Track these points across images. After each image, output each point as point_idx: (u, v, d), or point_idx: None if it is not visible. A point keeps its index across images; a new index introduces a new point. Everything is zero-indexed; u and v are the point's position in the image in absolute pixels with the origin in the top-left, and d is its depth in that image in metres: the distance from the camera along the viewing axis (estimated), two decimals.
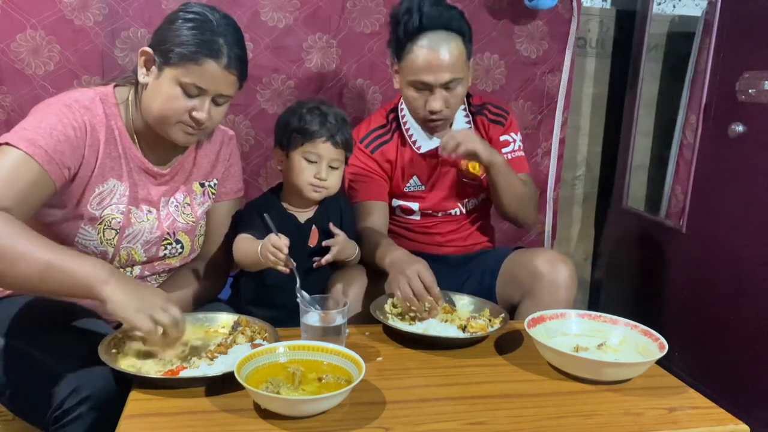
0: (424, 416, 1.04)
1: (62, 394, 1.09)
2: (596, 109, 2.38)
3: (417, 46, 1.53)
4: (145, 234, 1.34)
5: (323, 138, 1.45)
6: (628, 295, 2.29)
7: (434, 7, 1.53)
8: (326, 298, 1.27)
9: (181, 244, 1.41)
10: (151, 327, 1.07)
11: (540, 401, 1.11)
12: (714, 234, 1.84)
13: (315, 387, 1.05)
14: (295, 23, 1.91)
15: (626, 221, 2.30)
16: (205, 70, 1.21)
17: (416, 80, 1.55)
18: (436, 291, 1.36)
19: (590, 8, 2.27)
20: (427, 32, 1.52)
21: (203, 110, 1.24)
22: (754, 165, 1.70)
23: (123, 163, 1.30)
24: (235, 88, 1.28)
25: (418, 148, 1.69)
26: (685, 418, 1.08)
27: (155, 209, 1.36)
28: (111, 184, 1.28)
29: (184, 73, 1.21)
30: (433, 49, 1.52)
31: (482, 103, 1.77)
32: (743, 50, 1.75)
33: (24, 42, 1.73)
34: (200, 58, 1.20)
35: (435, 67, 1.52)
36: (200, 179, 1.44)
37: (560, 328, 1.33)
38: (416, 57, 1.53)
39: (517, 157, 1.75)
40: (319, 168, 1.47)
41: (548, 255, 1.56)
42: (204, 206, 1.45)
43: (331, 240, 1.49)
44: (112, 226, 1.29)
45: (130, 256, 1.34)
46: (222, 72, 1.22)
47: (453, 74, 1.53)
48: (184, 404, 1.03)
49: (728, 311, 1.78)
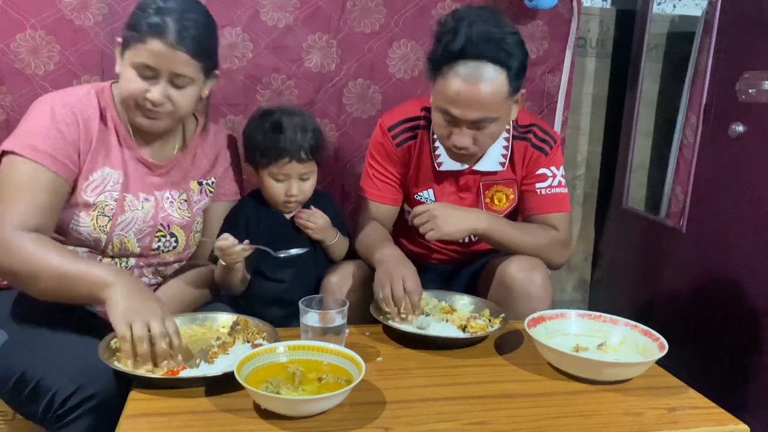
0: (424, 416, 1.04)
1: (65, 392, 1.09)
2: (596, 109, 2.38)
3: (452, 72, 1.35)
4: (138, 222, 1.34)
5: (286, 159, 1.44)
6: (628, 295, 2.29)
7: (484, 30, 1.33)
8: (326, 298, 1.27)
9: (175, 238, 1.41)
10: (126, 333, 1.07)
11: (540, 401, 1.11)
12: (714, 234, 1.84)
13: (315, 387, 1.05)
14: (295, 23, 1.91)
15: (626, 221, 2.30)
16: (151, 48, 1.21)
17: (444, 109, 1.40)
18: (415, 299, 1.34)
19: (590, 8, 2.27)
20: (467, 60, 1.34)
21: (156, 91, 1.23)
22: (755, 165, 1.70)
23: (118, 152, 1.32)
24: (192, 68, 1.25)
25: (440, 165, 1.58)
26: (685, 418, 1.07)
27: (152, 197, 1.36)
28: (105, 172, 1.30)
29: (135, 54, 1.22)
30: (468, 82, 1.34)
31: (529, 123, 1.59)
32: (743, 50, 1.75)
33: (24, 42, 1.73)
34: (146, 38, 1.20)
35: (466, 102, 1.36)
36: (198, 178, 1.45)
37: (560, 328, 1.33)
38: (448, 85, 1.36)
39: (553, 194, 1.59)
40: (289, 186, 1.47)
41: (520, 263, 1.49)
42: (201, 204, 1.45)
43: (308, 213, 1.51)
44: (105, 212, 1.30)
45: (123, 245, 1.34)
46: (168, 50, 1.21)
47: (484, 113, 1.37)
48: (184, 404, 1.03)
49: (728, 311, 1.78)
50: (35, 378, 1.13)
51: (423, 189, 1.63)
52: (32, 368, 1.14)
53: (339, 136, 2.02)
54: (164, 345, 1.09)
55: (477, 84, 1.34)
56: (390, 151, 1.60)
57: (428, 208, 1.47)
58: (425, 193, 1.63)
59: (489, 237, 1.52)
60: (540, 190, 1.59)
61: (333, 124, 2.00)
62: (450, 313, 1.43)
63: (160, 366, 1.10)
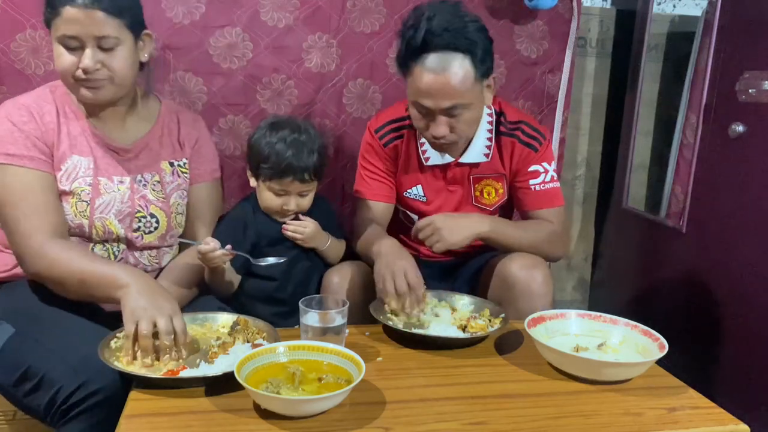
0: (424, 416, 1.04)
1: (70, 387, 1.09)
2: (596, 109, 2.38)
3: (418, 66, 1.40)
4: (117, 204, 1.36)
5: (290, 178, 1.45)
6: (628, 295, 2.29)
7: (444, 22, 1.37)
8: (326, 298, 1.27)
9: (156, 218, 1.42)
10: (131, 330, 1.11)
11: (540, 401, 1.11)
12: (714, 234, 1.84)
13: (315, 387, 1.05)
14: (295, 23, 1.91)
15: (626, 221, 2.30)
16: (66, 17, 1.22)
17: (417, 102, 1.44)
18: (419, 293, 1.35)
19: (590, 8, 2.27)
20: (431, 53, 1.38)
21: (86, 57, 1.24)
22: (755, 165, 1.70)
23: (84, 140, 1.35)
24: (112, 27, 1.24)
25: (426, 159, 1.62)
26: (685, 418, 1.08)
27: (126, 179, 1.38)
28: (75, 160, 1.33)
29: (56, 29, 1.24)
30: (435, 72, 1.38)
31: (518, 120, 1.61)
32: (743, 50, 1.75)
33: (24, 42, 1.73)
34: (59, 9, 1.22)
35: (435, 92, 1.40)
36: (168, 158, 1.46)
37: (560, 328, 1.33)
38: (417, 79, 1.41)
39: (546, 189, 1.61)
40: (287, 201, 1.48)
41: (521, 260, 1.51)
42: (175, 185, 1.46)
43: (294, 225, 1.52)
44: (82, 198, 1.33)
45: (106, 228, 1.35)
46: (82, 12, 1.21)
47: (455, 100, 1.40)
48: (184, 404, 1.03)
49: (728, 311, 1.78)
50: (41, 372, 1.14)
51: (412, 185, 1.66)
52: (38, 362, 1.15)
53: (339, 136, 2.02)
54: (167, 342, 1.11)
55: (443, 73, 1.37)
56: (379, 151, 1.65)
57: (431, 221, 1.49)
58: (414, 189, 1.67)
59: (492, 239, 1.55)
60: (534, 187, 1.62)
61: (333, 124, 2.00)
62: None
63: (162, 360, 1.12)
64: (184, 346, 1.14)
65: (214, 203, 1.54)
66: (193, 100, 1.87)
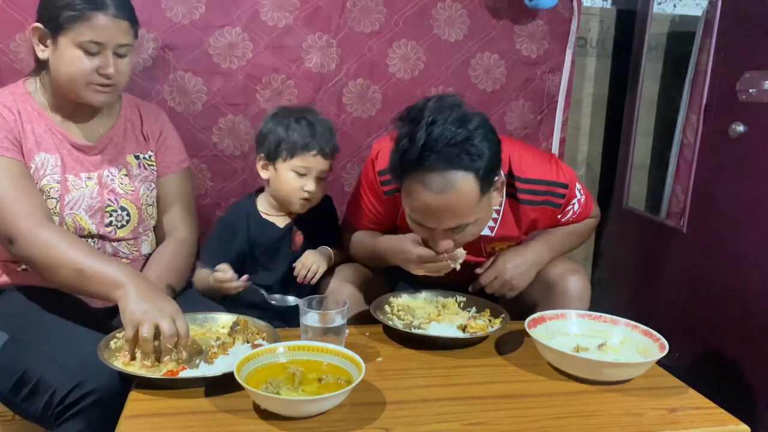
0: (424, 417, 1.04)
1: (65, 389, 1.09)
2: (596, 109, 2.37)
3: (415, 181, 1.22)
4: (86, 199, 1.37)
5: (314, 151, 1.45)
6: (628, 295, 2.29)
7: (446, 132, 1.18)
8: (326, 298, 1.27)
9: (126, 211, 1.42)
10: (131, 335, 1.10)
11: (540, 401, 1.11)
12: (714, 234, 1.84)
13: (315, 387, 1.05)
14: (295, 23, 1.90)
15: (626, 221, 2.30)
16: (96, 24, 1.25)
17: (416, 219, 1.29)
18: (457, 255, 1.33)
19: (590, 8, 2.27)
20: (429, 171, 1.20)
21: (109, 65, 1.29)
22: (755, 165, 1.70)
23: (50, 137, 1.35)
24: (130, 36, 1.33)
25: None
26: (685, 419, 1.08)
27: (94, 175, 1.39)
28: (42, 157, 1.33)
29: (78, 34, 1.25)
30: (434, 192, 1.20)
31: (531, 179, 1.44)
32: (743, 50, 1.74)
33: (24, 42, 1.72)
34: (89, 14, 1.25)
35: (435, 214, 1.24)
36: (133, 152, 1.47)
37: (560, 329, 1.33)
38: (414, 196, 1.24)
39: (581, 211, 1.56)
40: (307, 182, 1.48)
41: (562, 266, 1.51)
42: (141, 177, 1.47)
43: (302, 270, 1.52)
44: (51, 195, 1.33)
45: (77, 224, 1.36)
46: (112, 21, 1.27)
47: (459, 221, 1.26)
48: (184, 404, 1.03)
49: (728, 311, 1.78)
50: (36, 376, 1.13)
51: None
52: (33, 367, 1.15)
53: (339, 136, 2.00)
54: (170, 344, 1.10)
55: (444, 193, 1.20)
56: (379, 195, 1.52)
57: (497, 273, 1.45)
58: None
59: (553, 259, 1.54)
60: (570, 218, 1.58)
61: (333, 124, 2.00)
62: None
63: (163, 361, 1.11)
64: (185, 348, 1.13)
65: (184, 193, 1.55)
66: (192, 100, 1.87)
